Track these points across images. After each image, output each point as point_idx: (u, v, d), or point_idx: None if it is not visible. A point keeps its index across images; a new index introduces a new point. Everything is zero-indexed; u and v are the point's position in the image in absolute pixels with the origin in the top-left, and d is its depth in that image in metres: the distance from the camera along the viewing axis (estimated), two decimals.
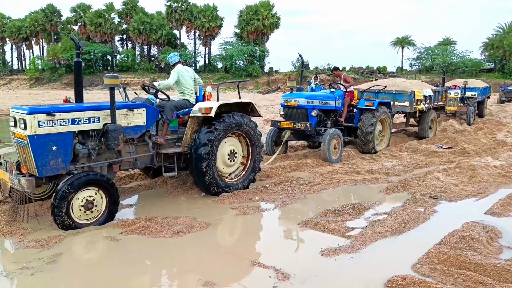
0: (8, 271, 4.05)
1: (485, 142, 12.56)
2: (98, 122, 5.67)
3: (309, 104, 10.00)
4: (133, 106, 6.13)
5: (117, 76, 5.63)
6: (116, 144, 5.63)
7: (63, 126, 5.32)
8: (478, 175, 8.12)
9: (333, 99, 10.47)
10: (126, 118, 5.98)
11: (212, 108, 6.45)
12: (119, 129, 5.64)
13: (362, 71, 55.48)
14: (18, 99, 31.14)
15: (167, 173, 6.65)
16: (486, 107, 21.79)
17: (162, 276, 4.12)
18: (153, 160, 6.50)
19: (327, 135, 9.51)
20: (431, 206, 6.22)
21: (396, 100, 12.37)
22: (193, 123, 6.62)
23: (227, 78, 55.88)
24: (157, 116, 6.50)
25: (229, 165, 7.01)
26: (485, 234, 4.98)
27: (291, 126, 10.00)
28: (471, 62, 51.76)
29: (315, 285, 3.86)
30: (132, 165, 6.32)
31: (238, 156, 7.11)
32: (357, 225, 5.46)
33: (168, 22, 62.05)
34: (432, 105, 13.64)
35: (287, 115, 10.35)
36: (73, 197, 5.13)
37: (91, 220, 5.35)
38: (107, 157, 5.91)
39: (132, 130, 6.08)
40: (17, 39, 71.57)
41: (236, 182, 7.06)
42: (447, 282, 3.81)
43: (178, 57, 7.42)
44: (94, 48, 61.90)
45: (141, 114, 6.18)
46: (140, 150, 6.32)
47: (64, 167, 5.39)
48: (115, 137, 5.59)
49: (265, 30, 58.61)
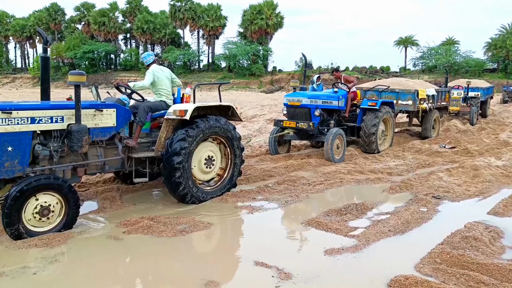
0: (11, 270, 4.06)
1: (488, 142, 12.54)
2: (61, 122, 5.29)
3: (312, 103, 10.00)
4: (102, 106, 5.76)
5: (83, 73, 5.22)
6: (80, 146, 5.25)
7: (21, 125, 4.93)
8: (481, 175, 8.11)
9: (336, 99, 10.51)
10: (93, 119, 5.62)
11: (187, 111, 6.02)
12: (84, 130, 5.27)
13: (366, 71, 55.41)
14: (22, 97, 31.24)
15: (137, 179, 6.26)
16: (489, 107, 21.75)
17: (165, 275, 4.13)
18: (124, 165, 6.13)
19: (330, 135, 9.50)
20: (433, 206, 6.21)
21: (399, 99, 12.38)
22: (168, 126, 6.22)
23: (231, 78, 55.94)
24: (129, 117, 6.14)
25: (206, 171, 6.58)
26: (487, 234, 4.98)
27: (294, 126, 10.00)
28: (474, 62, 51.64)
29: (317, 284, 3.87)
30: (100, 169, 5.92)
31: (216, 162, 6.71)
32: (360, 224, 5.46)
33: (172, 21, 62.16)
34: (435, 105, 13.61)
35: (290, 115, 10.36)
36: (25, 203, 4.75)
37: (47, 227, 4.96)
38: (72, 160, 5.53)
39: (100, 132, 5.71)
40: (21, 38, 71.83)
41: (214, 189, 6.65)
42: (450, 282, 3.81)
43: (153, 57, 7.06)
44: (97, 47, 62.14)
45: (111, 115, 5.81)
46: (109, 154, 5.96)
47: (21, 169, 4.99)
48: (78, 139, 5.21)
49: (269, 29, 58.67)
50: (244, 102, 30.71)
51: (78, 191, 6.78)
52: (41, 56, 5.75)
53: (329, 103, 10.36)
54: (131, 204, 6.36)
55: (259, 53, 57.92)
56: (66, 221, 5.08)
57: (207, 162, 6.53)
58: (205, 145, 6.52)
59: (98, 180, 7.52)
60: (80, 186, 7.15)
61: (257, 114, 20.18)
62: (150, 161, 6.34)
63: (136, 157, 6.11)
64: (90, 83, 27.10)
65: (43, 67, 5.81)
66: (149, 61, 6.94)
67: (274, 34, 60.83)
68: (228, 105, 6.84)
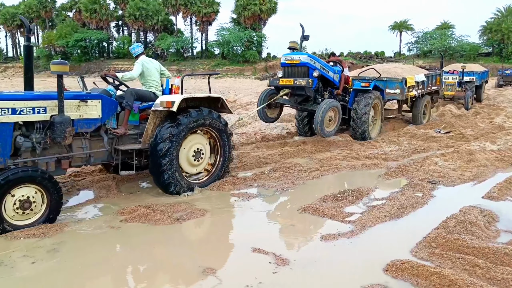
0: (9, 260, 4.07)
1: (483, 127, 12.60)
2: (44, 113, 5.13)
3: (311, 63, 9.56)
4: (87, 97, 5.59)
5: (65, 63, 5.06)
6: (63, 138, 5.09)
7: (1, 116, 4.79)
8: (475, 159, 8.16)
9: (332, 71, 10.24)
10: (78, 110, 5.46)
11: (175, 102, 5.88)
12: (67, 122, 5.10)
13: (360, 56, 55.25)
14: (14, 87, 30.95)
15: (123, 172, 6.05)
16: (484, 92, 21.79)
17: (162, 263, 4.15)
18: (110, 157, 6.01)
19: (324, 104, 9.07)
20: (429, 191, 6.25)
21: (387, 87, 11.86)
22: (155, 118, 6.09)
23: (224, 64, 55.59)
24: (116, 108, 6.01)
25: (194, 164, 6.43)
26: (482, 218, 5.02)
27: (291, 83, 9.47)
28: (469, 46, 51.52)
29: (314, 270, 3.90)
30: (85, 161, 5.79)
31: (205, 155, 6.55)
32: (355, 210, 5.50)
33: (164, 7, 61.41)
34: (425, 90, 13.25)
35: (287, 74, 9.78)
36: (5, 196, 4.64)
37: (28, 221, 4.83)
38: (56, 152, 5.38)
39: (85, 123, 5.56)
40: (11, 26, 70.76)
41: (201, 183, 6.53)
42: (445, 266, 3.85)
43: (142, 48, 7.00)
44: (89, 35, 61.36)
45: (96, 106, 5.64)
46: (94, 145, 5.82)
47: (2, 161, 4.87)
48: (61, 130, 5.04)
49: (262, 15, 58.09)
50: (238, 89, 30.57)
51: (74, 180, 6.80)
52: (24, 44, 5.63)
53: (326, 72, 9.98)
54: (127, 193, 6.36)
55: (253, 39, 57.47)
56: (51, 208, 4.95)
57: (195, 154, 6.40)
58: (193, 137, 6.38)
59: (94, 169, 7.50)
60: (76, 175, 7.14)
61: (252, 101, 20.09)
62: (137, 153, 6.21)
63: (122, 149, 5.97)
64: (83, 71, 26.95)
65: (26, 56, 5.63)
66: (137, 52, 6.88)
67: (268, 20, 60.23)
68: (218, 97, 6.71)
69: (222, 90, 30.44)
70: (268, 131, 12.27)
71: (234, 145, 7.49)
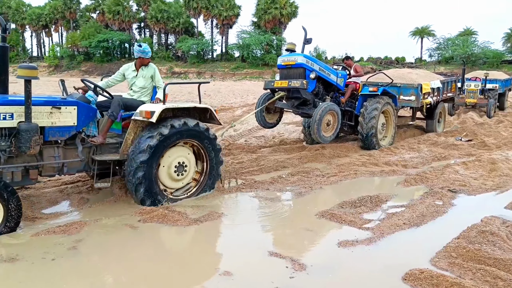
0: (30, 256, 4.14)
1: (505, 135, 12.34)
2: (11, 119, 4.77)
3: (308, 64, 8.89)
4: (61, 103, 5.19)
5: (34, 67, 4.66)
6: (28, 147, 4.72)
7: None
8: (498, 168, 7.99)
9: (335, 74, 9.56)
10: (50, 117, 5.09)
11: (154, 113, 5.43)
12: (33, 130, 4.74)
13: (380, 62, 54.81)
14: (37, 86, 31.51)
15: (98, 184, 5.62)
16: (507, 100, 21.33)
17: (179, 264, 4.17)
18: (88, 166, 5.63)
19: (321, 108, 8.44)
20: (449, 200, 6.15)
21: (401, 94, 11.25)
22: (136, 128, 5.67)
23: (244, 67, 55.82)
24: (94, 116, 5.63)
25: (176, 179, 5.94)
26: (505, 229, 4.91)
27: (286, 85, 8.84)
28: (492, 53, 50.62)
29: (332, 276, 3.87)
30: (58, 170, 5.38)
31: (188, 170, 6.04)
32: (374, 217, 5.44)
33: (186, 10, 62.05)
34: (440, 97, 12.61)
35: (283, 76, 9.19)
36: None
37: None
38: (24, 161, 5.02)
39: (58, 131, 5.18)
40: (37, 27, 72.47)
41: (190, 195, 6.11)
42: (466, 277, 3.78)
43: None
44: (112, 36, 62.42)
45: (71, 113, 5.25)
46: (69, 155, 5.42)
47: None
48: (27, 139, 4.69)
49: (283, 19, 58.22)
50: (257, 92, 30.59)
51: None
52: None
53: (327, 74, 9.32)
54: None
55: (273, 42, 57.56)
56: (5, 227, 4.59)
57: (178, 169, 5.92)
58: (176, 149, 5.92)
59: None
60: None
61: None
62: (117, 163, 5.82)
63: (98, 159, 5.56)
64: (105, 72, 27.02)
65: (0, 57, 5.13)
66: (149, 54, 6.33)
67: (288, 24, 60.37)
68: (205, 107, 6.19)
69: (241, 93, 30.59)
70: (286, 135, 12.25)
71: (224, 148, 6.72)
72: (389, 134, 10.59)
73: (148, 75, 6.27)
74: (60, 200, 5.98)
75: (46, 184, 6.67)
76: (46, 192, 6.25)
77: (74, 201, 5.93)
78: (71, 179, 6.91)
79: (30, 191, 6.22)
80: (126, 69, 6.39)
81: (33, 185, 6.42)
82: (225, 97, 27.20)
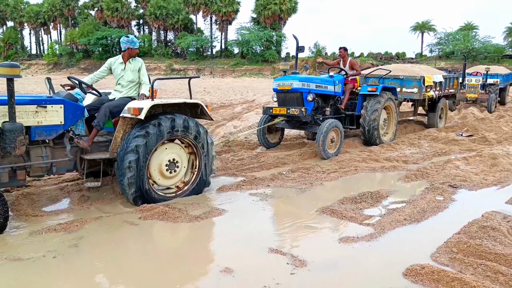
0: (31, 254, 4.14)
1: (506, 130, 12.33)
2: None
3: (304, 87, 8.90)
4: (46, 102, 5.05)
5: (16, 65, 4.46)
6: (13, 148, 4.57)
7: None
8: (499, 164, 7.99)
9: (332, 83, 9.52)
10: (35, 116, 4.95)
11: (142, 109, 5.29)
12: (18, 130, 4.58)
13: (381, 57, 54.68)
14: (37, 83, 31.53)
15: (88, 183, 5.58)
16: (508, 94, 21.31)
17: (180, 261, 4.17)
18: (77, 166, 5.53)
19: (324, 126, 8.47)
20: (450, 195, 6.14)
21: (403, 86, 11.36)
22: (125, 125, 5.55)
23: (243, 64, 55.77)
24: (82, 114, 5.49)
25: (168, 176, 5.84)
26: (506, 224, 4.91)
27: (284, 113, 8.96)
28: (493, 48, 50.51)
29: (332, 272, 3.87)
30: (47, 171, 5.26)
31: (180, 167, 5.95)
32: (375, 213, 5.44)
33: (185, 6, 61.98)
34: (442, 92, 12.68)
35: (280, 101, 9.34)
36: None
37: None
38: (10, 161, 4.88)
39: (44, 130, 5.05)
40: (35, 24, 72.38)
41: (181, 194, 6.03)
42: (467, 272, 3.78)
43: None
44: (111, 33, 62.31)
45: (57, 112, 5.12)
46: (57, 154, 5.30)
47: None
48: (11, 139, 4.53)
49: (282, 14, 58.14)
50: (257, 89, 30.59)
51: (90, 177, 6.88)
52: None
53: (324, 88, 9.32)
54: None
55: (273, 39, 57.48)
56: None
57: (169, 166, 5.82)
58: (167, 147, 5.83)
59: None
60: None
61: (270, 101, 20.05)
62: (108, 161, 5.71)
63: (88, 158, 5.46)
64: None
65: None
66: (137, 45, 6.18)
67: (287, 20, 60.30)
68: (196, 102, 6.06)
69: (241, 89, 30.53)
70: (286, 131, 12.21)
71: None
72: (391, 131, 10.60)
73: (136, 68, 6.10)
74: (60, 198, 5.97)
75: (46, 182, 6.67)
76: (47, 190, 6.24)
77: (75, 198, 5.92)
78: (72, 177, 6.90)
79: (30, 189, 6.21)
80: (113, 62, 6.22)
81: (34, 183, 6.43)
82: (225, 93, 27.14)
